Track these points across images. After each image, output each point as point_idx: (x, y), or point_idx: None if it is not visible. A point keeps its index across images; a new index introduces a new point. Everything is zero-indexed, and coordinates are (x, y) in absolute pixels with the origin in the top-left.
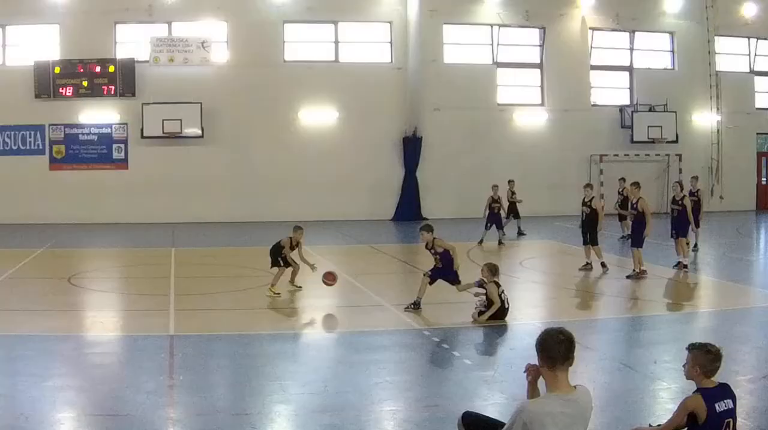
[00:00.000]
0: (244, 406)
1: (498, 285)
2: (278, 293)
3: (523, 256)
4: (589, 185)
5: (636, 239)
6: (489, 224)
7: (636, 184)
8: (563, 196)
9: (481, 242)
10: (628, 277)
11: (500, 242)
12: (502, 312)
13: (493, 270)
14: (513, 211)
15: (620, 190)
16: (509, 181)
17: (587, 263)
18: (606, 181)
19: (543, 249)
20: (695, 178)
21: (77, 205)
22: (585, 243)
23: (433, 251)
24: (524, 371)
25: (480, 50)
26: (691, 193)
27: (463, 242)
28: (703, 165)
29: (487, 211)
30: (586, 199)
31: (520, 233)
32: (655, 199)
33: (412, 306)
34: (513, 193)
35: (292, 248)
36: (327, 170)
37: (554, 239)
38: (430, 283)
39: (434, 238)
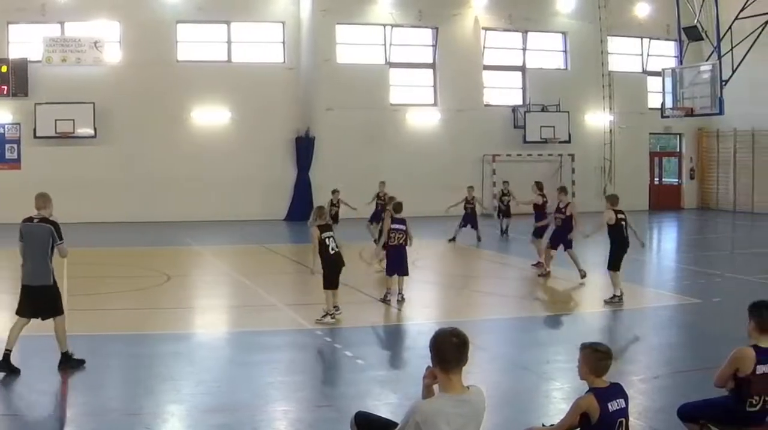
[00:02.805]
0: (137, 406)
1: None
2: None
3: (416, 256)
4: (563, 190)
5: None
6: (463, 223)
7: (538, 186)
8: (456, 197)
9: (453, 239)
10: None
11: (479, 239)
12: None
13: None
14: (505, 212)
15: (380, 193)
16: (504, 182)
17: (547, 271)
18: (498, 182)
19: (436, 249)
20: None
21: None
22: (553, 247)
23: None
24: (424, 377)
25: (373, 50)
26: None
27: (357, 242)
28: (596, 165)
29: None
30: (561, 206)
31: (504, 232)
32: (548, 199)
33: (401, 298)
34: (507, 192)
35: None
36: (220, 170)
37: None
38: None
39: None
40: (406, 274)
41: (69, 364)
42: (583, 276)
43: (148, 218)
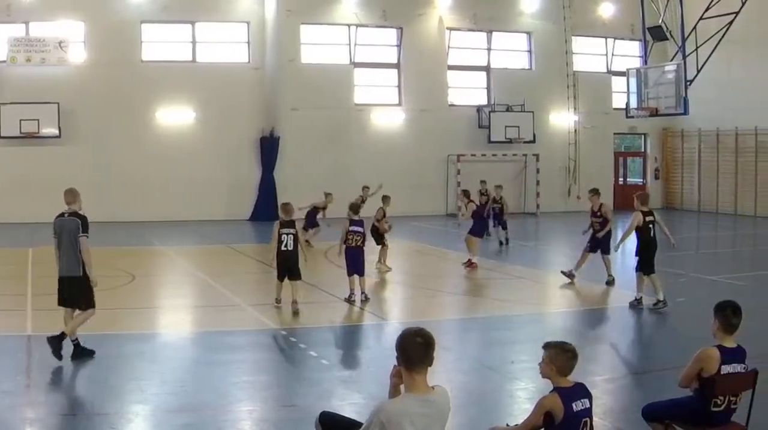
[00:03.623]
0: (102, 406)
1: None
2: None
3: (374, 256)
4: (596, 192)
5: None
6: (495, 223)
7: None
8: (421, 197)
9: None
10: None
11: (506, 241)
12: None
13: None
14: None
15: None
16: (497, 187)
17: (573, 273)
18: (463, 182)
19: (401, 249)
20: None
21: None
22: (591, 251)
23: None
24: (391, 376)
25: (337, 50)
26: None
27: (321, 241)
28: (561, 165)
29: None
30: (595, 209)
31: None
32: (513, 199)
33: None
34: (482, 193)
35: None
36: (185, 170)
37: (412, 239)
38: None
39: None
40: (362, 274)
41: (55, 346)
42: (610, 282)
43: (113, 218)
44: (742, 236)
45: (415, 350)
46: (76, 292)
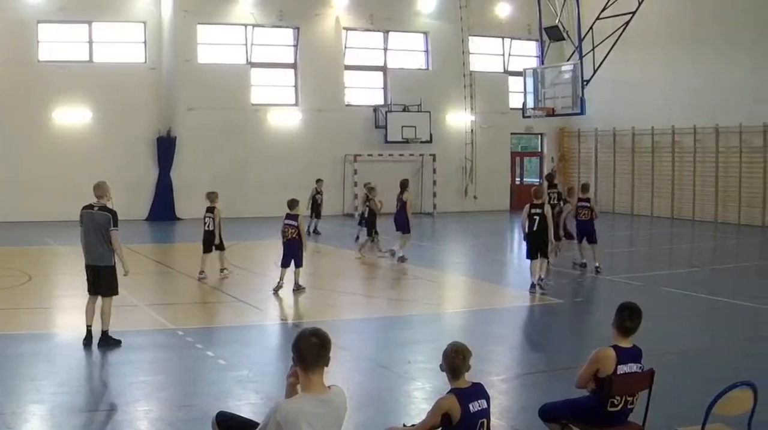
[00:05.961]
0: None
1: None
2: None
3: (274, 256)
4: (586, 187)
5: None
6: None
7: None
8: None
9: None
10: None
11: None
12: None
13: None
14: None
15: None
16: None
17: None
18: (360, 182)
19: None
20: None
21: None
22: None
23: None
24: (288, 375)
25: (234, 50)
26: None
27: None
28: (458, 165)
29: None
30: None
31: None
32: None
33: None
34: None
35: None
36: (81, 170)
37: (309, 239)
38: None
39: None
40: (300, 265)
41: (108, 343)
42: (598, 271)
43: (9, 217)
44: (638, 236)
45: (311, 350)
46: (106, 281)
